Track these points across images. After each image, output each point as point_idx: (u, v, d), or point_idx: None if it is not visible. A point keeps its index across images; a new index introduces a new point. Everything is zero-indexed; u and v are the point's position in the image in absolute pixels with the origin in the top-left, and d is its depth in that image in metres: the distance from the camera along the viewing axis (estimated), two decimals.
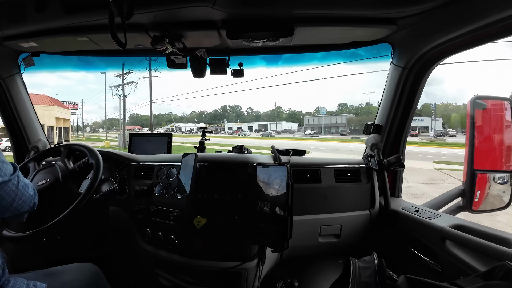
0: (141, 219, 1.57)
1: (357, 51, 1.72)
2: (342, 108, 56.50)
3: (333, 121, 45.70)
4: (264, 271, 1.49)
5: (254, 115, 62.17)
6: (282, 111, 61.56)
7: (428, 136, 32.72)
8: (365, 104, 53.90)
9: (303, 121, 49.56)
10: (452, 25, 1.19)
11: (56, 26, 1.36)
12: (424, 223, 1.35)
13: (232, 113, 62.15)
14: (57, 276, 1.11)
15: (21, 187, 0.97)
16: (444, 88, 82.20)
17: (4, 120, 1.91)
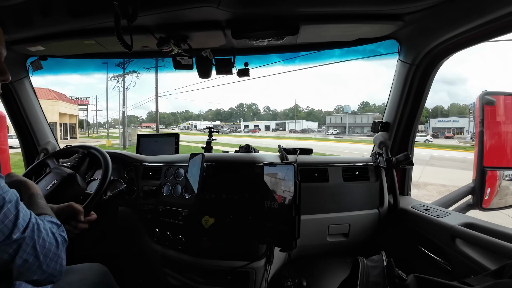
0: (149, 219, 1.58)
1: (366, 47, 1.70)
2: (364, 107, 55.31)
3: (357, 121, 43.80)
4: (272, 271, 1.50)
5: (271, 113, 61.46)
6: (300, 110, 60.64)
7: (465, 138, 30.65)
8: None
9: (324, 120, 47.97)
10: (460, 20, 1.17)
11: (63, 30, 1.38)
12: (434, 221, 1.33)
13: (248, 111, 61.66)
14: (64, 276, 1.09)
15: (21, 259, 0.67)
16: (467, 88, 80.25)
17: (13, 123, 1.94)
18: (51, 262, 0.72)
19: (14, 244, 0.65)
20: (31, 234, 0.68)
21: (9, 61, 1.68)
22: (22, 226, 0.66)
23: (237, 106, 61.77)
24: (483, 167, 1.50)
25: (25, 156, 2.04)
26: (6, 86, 1.78)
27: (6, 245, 0.63)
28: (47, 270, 0.72)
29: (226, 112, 60.31)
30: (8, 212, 0.64)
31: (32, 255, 0.68)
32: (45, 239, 0.71)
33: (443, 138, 31.63)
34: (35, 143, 2.00)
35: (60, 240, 0.77)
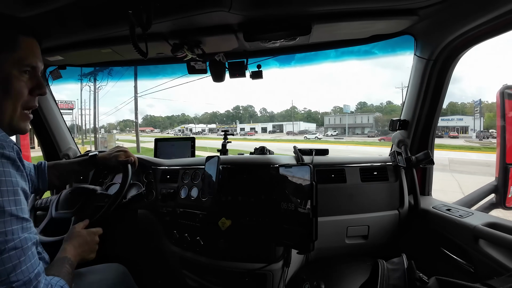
0: (168, 221, 1.61)
1: (372, 48, 1.67)
2: (362, 107, 54.25)
3: (357, 121, 42.64)
4: (290, 273, 1.49)
5: (267, 115, 60.87)
6: (298, 111, 60.33)
7: (471, 137, 29.38)
8: (385, 102, 52.24)
9: (321, 121, 46.78)
10: (476, 12, 1.13)
11: (80, 40, 1.43)
12: (456, 222, 1.29)
13: (245, 114, 61.19)
14: (84, 276, 1.13)
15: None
16: (462, 87, 79.46)
17: (35, 130, 2.02)
18: None
19: None
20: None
21: None
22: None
23: (233, 108, 61.76)
24: (506, 164, 1.45)
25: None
26: None
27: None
28: None
29: (223, 115, 60.25)
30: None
31: None
32: None
33: (447, 137, 30.45)
34: (57, 149, 2.07)
35: None
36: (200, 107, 60.15)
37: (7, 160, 0.67)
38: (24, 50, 0.80)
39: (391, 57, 1.74)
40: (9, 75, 0.76)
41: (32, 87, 0.83)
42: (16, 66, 0.78)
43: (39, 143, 2.08)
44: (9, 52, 0.77)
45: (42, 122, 1.98)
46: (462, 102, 50.01)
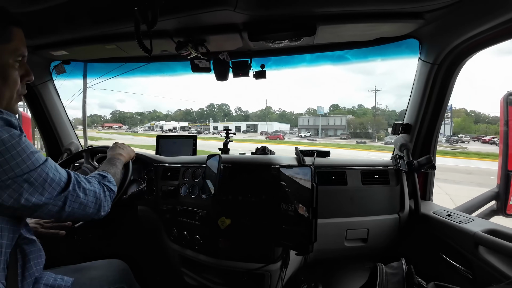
0: (168, 218, 1.61)
1: (374, 51, 1.67)
2: (335, 110, 53.98)
3: (330, 123, 42.29)
4: (288, 274, 1.48)
5: (243, 114, 59.65)
6: (273, 111, 59.40)
7: (441, 141, 29.89)
8: (357, 106, 52.48)
9: (295, 122, 45.94)
10: (483, 17, 1.12)
11: (85, 35, 1.43)
12: (457, 227, 1.28)
13: (219, 112, 59.84)
14: (85, 272, 1.16)
15: (69, 207, 0.86)
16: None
17: (38, 124, 2.03)
18: (92, 204, 0.92)
19: (63, 197, 0.83)
20: (73, 186, 0.86)
21: (34, 65, 1.78)
22: (64, 183, 0.85)
23: (207, 106, 60.21)
24: (508, 171, 1.44)
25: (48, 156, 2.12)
26: (30, 88, 1.86)
27: (57, 200, 0.82)
28: (89, 210, 0.92)
29: (196, 113, 58.81)
30: (54, 176, 0.82)
31: (77, 202, 0.87)
32: (85, 188, 0.90)
33: None
34: (59, 143, 2.08)
35: (100, 187, 0.97)
36: (175, 104, 58.19)
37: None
38: (17, 40, 0.85)
39: (393, 60, 1.74)
40: (7, 65, 0.83)
41: (22, 75, 0.89)
42: (12, 56, 0.84)
43: (42, 137, 2.09)
44: (5, 43, 0.82)
45: (45, 116, 1.99)
46: None
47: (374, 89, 34.22)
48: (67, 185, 0.86)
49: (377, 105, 42.57)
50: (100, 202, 0.95)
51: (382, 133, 36.88)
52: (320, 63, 1.89)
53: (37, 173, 0.79)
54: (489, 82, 75.89)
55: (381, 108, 46.79)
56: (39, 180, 0.79)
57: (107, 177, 1.05)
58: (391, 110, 50.56)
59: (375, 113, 40.23)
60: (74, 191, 0.87)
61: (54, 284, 0.98)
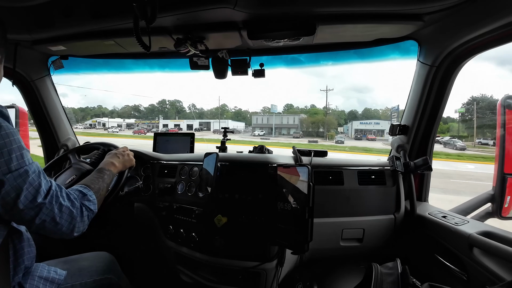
0: (164, 216, 1.61)
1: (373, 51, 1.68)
2: (289, 109, 53.42)
3: (284, 121, 41.48)
4: (283, 273, 1.49)
5: (197, 112, 56.76)
6: (228, 109, 57.56)
7: (387, 140, 31.00)
8: (309, 106, 52.71)
9: (250, 120, 44.49)
10: (483, 20, 1.13)
11: (84, 31, 1.42)
12: (452, 229, 1.29)
13: (172, 109, 56.16)
14: (75, 263, 1.20)
15: (40, 220, 0.81)
16: (373, 96, 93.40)
17: (34, 119, 2.02)
18: (65, 222, 0.86)
19: (37, 208, 0.79)
20: (50, 199, 0.82)
21: (31, 59, 1.77)
22: (43, 193, 0.81)
23: (158, 102, 56.01)
24: (504, 174, 1.45)
25: (45, 152, 2.11)
26: (28, 83, 1.85)
27: (30, 208, 0.78)
28: (61, 229, 0.86)
29: (146, 109, 54.43)
30: (32, 181, 0.79)
31: (50, 216, 0.82)
32: (62, 204, 0.85)
33: (366, 140, 32.03)
34: (56, 139, 2.07)
35: (79, 205, 0.91)
36: (124, 99, 53.29)
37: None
38: (3, 39, 0.90)
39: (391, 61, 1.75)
40: (1, 63, 0.90)
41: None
42: (2, 55, 0.90)
43: (38, 132, 2.08)
44: (2, 45, 0.89)
45: (42, 112, 1.98)
46: (376, 109, 53.41)
47: (326, 88, 34.22)
48: (45, 196, 0.82)
49: (328, 105, 43.01)
50: (74, 223, 0.89)
51: (333, 131, 37.21)
52: (319, 63, 1.89)
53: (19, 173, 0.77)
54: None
55: (331, 108, 47.12)
56: (19, 181, 0.77)
57: (87, 195, 0.98)
58: (340, 110, 51.42)
59: (326, 113, 40.50)
60: (50, 205, 0.82)
61: (48, 277, 1.03)
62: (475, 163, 14.06)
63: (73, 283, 1.10)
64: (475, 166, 13.14)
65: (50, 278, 1.03)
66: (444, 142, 29.37)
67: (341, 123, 43.49)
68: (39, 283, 0.99)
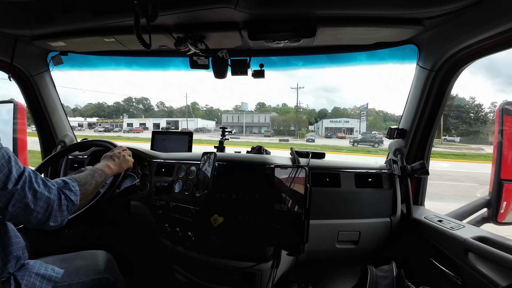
0: (160, 214, 1.60)
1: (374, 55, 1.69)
2: (261, 108, 51.59)
3: (255, 120, 40.23)
4: (279, 274, 1.49)
5: (166, 110, 53.61)
6: (199, 107, 54.35)
7: (357, 138, 30.29)
8: (281, 104, 52.48)
9: (221, 119, 43.26)
10: (482, 25, 1.13)
11: (84, 27, 1.42)
12: (447, 233, 1.29)
13: (138, 107, 52.57)
14: (72, 261, 1.19)
15: (13, 207, 0.79)
16: (342, 95, 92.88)
17: (32, 115, 2.01)
18: (41, 210, 0.83)
19: (8, 194, 0.77)
20: (22, 185, 0.79)
21: (31, 55, 1.76)
22: (14, 179, 0.78)
23: (124, 100, 51.76)
24: (501, 180, 1.46)
25: (42, 148, 2.11)
26: (27, 78, 1.85)
27: (1, 195, 0.76)
28: (36, 216, 0.83)
29: (111, 107, 49.75)
30: (2, 167, 0.77)
31: (23, 203, 0.79)
32: (36, 190, 0.82)
33: (336, 138, 32.10)
34: (53, 135, 2.06)
35: (57, 193, 0.87)
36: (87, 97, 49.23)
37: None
38: None
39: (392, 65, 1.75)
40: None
41: None
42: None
43: (36, 128, 2.07)
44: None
45: (41, 107, 1.97)
46: (344, 108, 53.34)
47: (297, 86, 34.10)
48: (17, 181, 0.79)
49: (299, 103, 42.95)
50: (51, 210, 0.85)
51: (304, 130, 36.99)
52: (319, 65, 1.90)
53: None
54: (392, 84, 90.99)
55: (303, 107, 46.86)
56: None
57: (69, 184, 0.94)
58: (311, 109, 50.51)
59: (297, 111, 40.36)
60: (23, 191, 0.79)
61: (45, 274, 1.02)
62: (448, 161, 13.82)
63: (70, 282, 1.09)
64: (449, 165, 12.94)
65: (47, 276, 1.02)
66: None
67: (312, 121, 43.32)
68: (35, 280, 0.98)
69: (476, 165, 13.57)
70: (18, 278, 0.95)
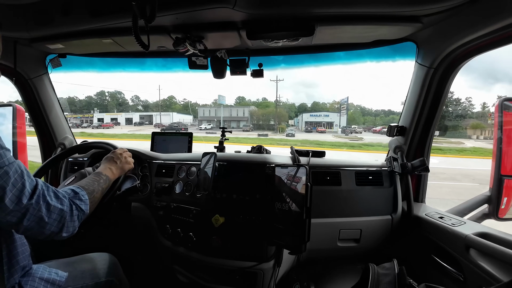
0: (161, 215, 1.60)
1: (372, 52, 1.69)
2: (240, 102, 51.95)
3: (233, 114, 39.83)
4: (281, 273, 1.49)
5: (141, 104, 52.48)
6: (176, 101, 54.03)
7: (337, 132, 31.66)
8: (261, 99, 52.91)
9: (198, 112, 41.74)
10: (480, 22, 1.13)
11: (82, 29, 1.42)
12: (448, 230, 1.30)
13: (112, 101, 50.52)
14: (76, 265, 1.18)
15: (28, 221, 0.79)
16: (320, 90, 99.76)
17: (32, 117, 2.01)
18: (54, 222, 0.83)
19: (23, 209, 0.77)
20: (37, 199, 0.79)
21: (29, 58, 1.76)
22: (28, 194, 0.78)
23: (96, 94, 49.66)
24: (501, 175, 1.46)
25: (42, 151, 2.11)
26: (25, 81, 1.85)
27: (16, 211, 0.76)
28: (50, 229, 0.83)
29: (83, 102, 48.17)
30: (15, 182, 0.76)
31: (38, 217, 0.80)
32: (49, 203, 0.82)
33: (316, 132, 32.53)
34: (53, 138, 2.06)
35: (68, 204, 0.88)
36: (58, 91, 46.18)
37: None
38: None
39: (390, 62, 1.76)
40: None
41: None
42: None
43: (36, 131, 2.07)
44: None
45: (40, 110, 1.97)
46: (323, 102, 55.07)
47: (276, 79, 33.71)
48: (31, 196, 0.79)
49: (279, 97, 43.59)
50: (64, 221, 0.86)
51: (284, 124, 36.86)
52: (318, 64, 1.90)
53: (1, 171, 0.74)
54: (368, 79, 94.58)
55: (282, 101, 47.73)
56: (1, 181, 0.73)
57: (79, 194, 0.95)
58: (291, 104, 51.97)
59: (276, 104, 40.30)
60: (37, 205, 0.79)
61: (49, 278, 1.02)
62: (436, 156, 13.55)
63: (74, 285, 1.09)
64: (438, 160, 12.67)
65: (51, 280, 1.02)
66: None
67: (292, 116, 43.34)
68: (39, 285, 0.98)
69: (466, 161, 13.44)
70: (22, 284, 0.94)
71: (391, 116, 41.11)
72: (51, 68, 1.89)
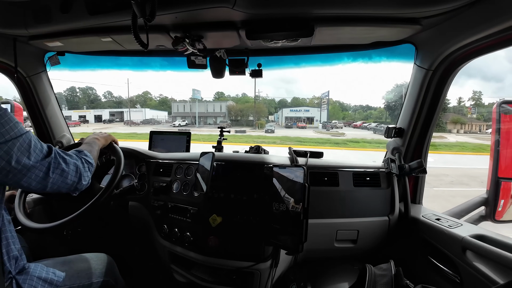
0: (158, 215, 1.60)
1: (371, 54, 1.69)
2: (219, 97, 51.08)
3: (209, 109, 37.88)
4: (278, 273, 1.49)
5: (114, 100, 49.94)
6: (151, 97, 52.98)
7: (317, 128, 31.53)
8: (241, 94, 52.95)
9: (172, 108, 40.27)
10: (479, 25, 1.14)
11: (81, 27, 1.41)
12: (445, 232, 1.30)
13: (83, 98, 48.54)
14: (73, 264, 1.19)
15: (53, 173, 0.93)
16: (299, 86, 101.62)
17: (30, 115, 2.00)
18: (72, 172, 0.99)
19: (46, 163, 0.92)
20: (55, 155, 0.95)
21: (28, 55, 1.76)
22: (46, 151, 0.93)
23: (66, 90, 47.40)
24: (498, 178, 1.46)
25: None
26: (24, 79, 1.84)
27: (42, 165, 0.90)
28: (71, 178, 0.99)
29: None
30: (36, 145, 0.91)
31: (60, 169, 0.95)
32: (64, 157, 0.98)
33: (296, 128, 32.27)
34: (50, 136, 2.05)
35: (79, 158, 1.05)
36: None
37: None
38: None
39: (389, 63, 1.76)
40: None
41: None
42: None
43: (33, 128, 2.06)
44: None
45: (38, 108, 1.96)
46: (303, 98, 55.90)
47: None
48: (49, 153, 0.94)
49: (258, 92, 42.77)
50: (80, 171, 1.02)
51: (263, 120, 36.08)
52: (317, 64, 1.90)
53: (22, 139, 0.86)
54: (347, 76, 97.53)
55: (262, 96, 47.00)
56: (25, 145, 0.87)
57: (83, 151, 1.11)
58: (271, 99, 51.95)
59: (255, 99, 39.94)
60: (56, 159, 0.95)
61: (46, 278, 1.03)
62: (430, 153, 13.50)
63: (71, 285, 1.10)
64: (433, 159, 12.39)
65: (49, 280, 1.03)
66: (373, 129, 29.04)
67: (271, 111, 42.98)
68: (37, 284, 0.99)
69: (460, 158, 13.37)
70: (20, 282, 0.96)
71: (369, 112, 42.51)
72: (49, 66, 1.89)
